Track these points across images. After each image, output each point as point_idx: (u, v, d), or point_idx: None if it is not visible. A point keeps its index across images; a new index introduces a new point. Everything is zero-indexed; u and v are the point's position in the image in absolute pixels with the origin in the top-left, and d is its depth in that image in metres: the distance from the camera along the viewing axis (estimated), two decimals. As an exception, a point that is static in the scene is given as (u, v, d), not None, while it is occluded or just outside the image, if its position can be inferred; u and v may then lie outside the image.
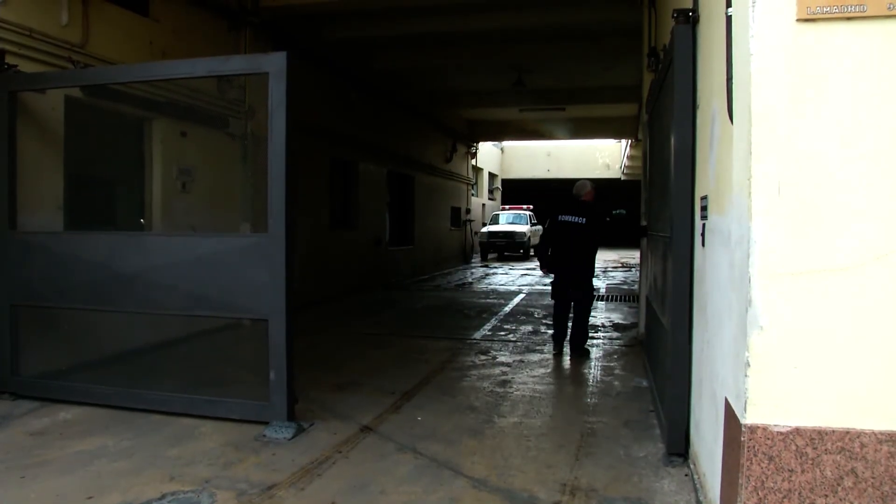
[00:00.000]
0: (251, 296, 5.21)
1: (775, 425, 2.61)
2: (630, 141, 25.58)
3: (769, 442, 2.61)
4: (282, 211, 5.05)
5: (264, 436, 4.97)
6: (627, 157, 28.02)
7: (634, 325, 9.85)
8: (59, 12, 6.70)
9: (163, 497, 3.93)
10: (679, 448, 4.50)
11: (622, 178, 31.64)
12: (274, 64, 5.10)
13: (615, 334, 9.36)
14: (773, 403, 2.62)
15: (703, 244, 4.09)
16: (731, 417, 2.88)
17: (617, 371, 7.19)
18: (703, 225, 4.05)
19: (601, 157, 34.58)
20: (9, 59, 6.09)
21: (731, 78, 3.08)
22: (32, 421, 5.39)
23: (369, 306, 12.73)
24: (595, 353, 8.12)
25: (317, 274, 12.19)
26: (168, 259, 5.51)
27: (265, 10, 10.12)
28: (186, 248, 5.52)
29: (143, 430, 5.16)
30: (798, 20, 2.62)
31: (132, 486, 4.08)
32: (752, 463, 2.62)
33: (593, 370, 7.25)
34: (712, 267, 3.72)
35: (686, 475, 4.25)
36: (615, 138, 30.34)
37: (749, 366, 2.65)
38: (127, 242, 5.83)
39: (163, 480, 4.18)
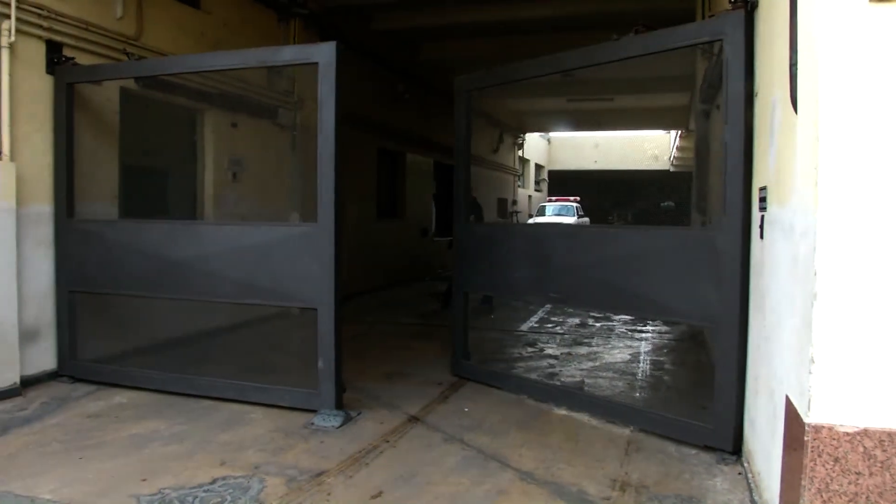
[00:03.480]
0: (301, 285, 5.25)
1: (841, 425, 2.51)
2: (680, 131, 25.11)
3: (835, 443, 2.51)
4: (331, 201, 5.07)
5: (313, 423, 5.02)
6: (677, 147, 27.51)
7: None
8: (114, 5, 6.83)
9: (214, 482, 3.99)
10: (732, 446, 4.39)
11: (671, 170, 31.08)
12: (324, 54, 5.12)
13: (664, 328, 9.20)
14: (839, 402, 2.51)
15: (761, 236, 3.96)
16: (792, 416, 2.78)
17: (666, 366, 7.07)
18: (762, 217, 3.93)
19: (649, 147, 34.02)
20: (66, 52, 6.23)
21: (795, 64, 2.96)
22: (89, 404, 5.53)
23: (415, 296, 12.76)
24: (644, 347, 8.01)
25: (363, 264, 12.26)
26: (219, 248, 5.59)
27: (314, 1, 10.18)
28: (237, 238, 5.59)
29: (195, 414, 5.26)
30: (871, 1, 2.50)
31: (184, 470, 4.15)
32: (815, 464, 2.52)
33: (642, 364, 7.14)
34: (772, 260, 3.60)
35: (739, 474, 4.15)
36: (664, 129, 29.81)
37: (813, 362, 2.55)
38: (180, 231, 5.94)
39: (214, 465, 4.24)
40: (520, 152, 26.35)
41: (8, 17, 5.61)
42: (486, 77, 6.69)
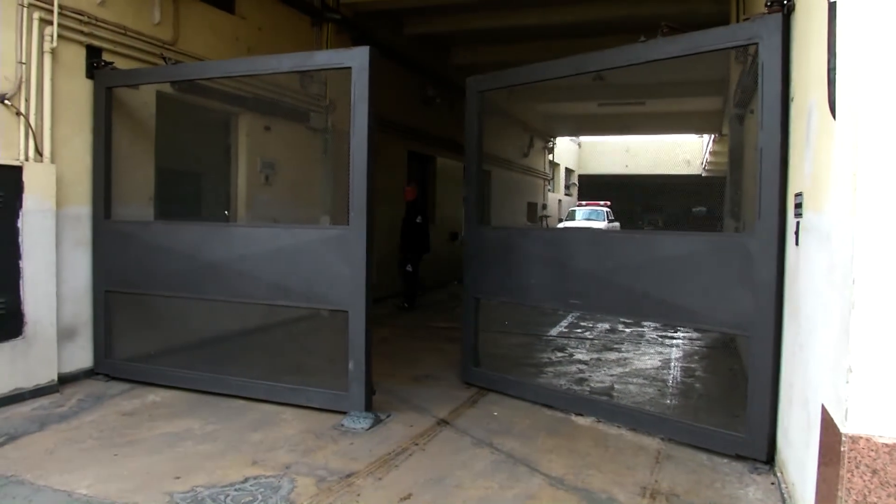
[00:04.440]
0: (332, 287, 5.30)
1: (880, 436, 2.45)
2: (713, 136, 24.85)
3: (873, 454, 2.46)
4: (363, 204, 5.12)
5: (342, 425, 5.05)
6: (710, 152, 27.21)
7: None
8: (151, 11, 6.96)
9: (245, 480, 4.04)
10: (761, 453, 4.33)
11: (703, 175, 30.73)
12: (357, 59, 5.17)
13: (695, 335, 9.09)
14: (877, 413, 2.46)
15: (796, 243, 3.91)
16: (828, 425, 2.73)
17: (698, 373, 6.99)
18: (798, 223, 3.88)
19: (681, 152, 33.69)
20: (105, 57, 6.37)
21: (834, 69, 2.92)
22: (124, 402, 5.63)
23: (445, 300, 12.78)
24: (675, 353, 7.93)
25: (393, 267, 12.29)
26: (252, 250, 5.67)
27: (346, 6, 10.28)
28: (270, 240, 5.66)
29: (227, 414, 5.33)
30: (914, 5, 2.46)
31: (216, 469, 4.21)
32: (853, 475, 2.47)
33: (672, 371, 7.07)
34: (807, 267, 3.55)
35: (772, 483, 4.09)
36: (697, 133, 29.51)
37: (851, 371, 2.50)
38: (213, 233, 6.03)
39: (245, 464, 4.30)
40: (550, 156, 26.25)
41: (50, 23, 5.76)
42: (498, 78, 6.48)
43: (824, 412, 2.84)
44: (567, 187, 33.55)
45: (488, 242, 6.36)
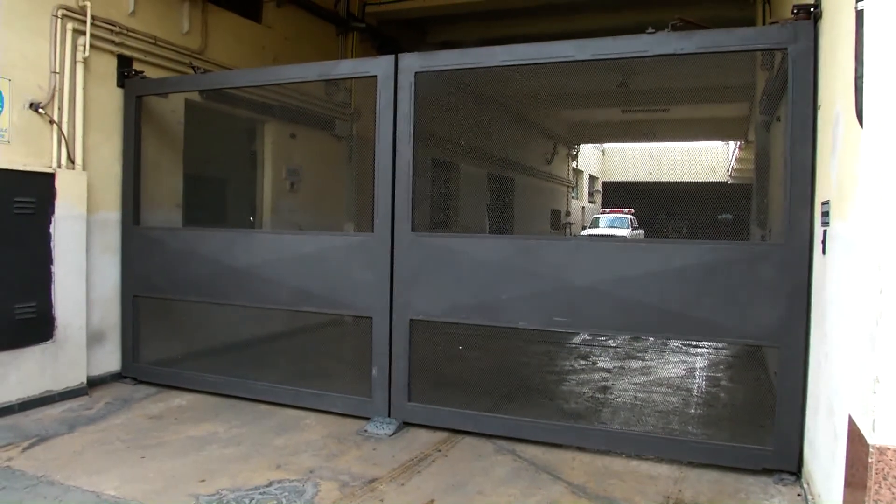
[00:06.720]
0: (356, 294, 5.34)
1: (908, 447, 2.43)
2: (739, 143, 24.61)
3: (900, 465, 2.43)
4: (388, 212, 5.16)
5: (365, 430, 5.08)
6: (735, 159, 26.97)
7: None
8: (180, 20, 7.09)
9: (269, 484, 4.08)
10: (790, 465, 4.27)
11: (729, 182, 30.43)
12: (382, 67, 5.22)
13: (720, 344, 8.99)
14: (905, 423, 2.44)
15: (823, 252, 3.87)
16: (855, 436, 2.70)
17: (723, 382, 6.92)
18: (825, 232, 3.84)
19: (706, 159, 33.36)
20: (135, 66, 6.49)
21: (861, 77, 2.89)
22: (150, 405, 5.72)
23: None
24: (699, 362, 7.86)
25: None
26: (277, 256, 5.73)
27: (370, 15, 10.39)
28: (295, 246, 5.72)
29: (251, 418, 5.38)
30: (942, 13, 2.44)
31: (241, 472, 4.26)
32: (880, 487, 2.44)
33: (697, 380, 7.01)
34: (834, 276, 3.52)
35: (798, 495, 4.04)
36: (722, 140, 29.24)
37: (878, 381, 2.47)
38: (239, 239, 6.09)
39: (269, 468, 4.34)
40: (574, 163, 26.17)
41: (83, 33, 5.88)
42: (437, 58, 5.39)
43: (851, 423, 2.81)
44: (591, 194, 33.42)
45: (427, 252, 5.22)
